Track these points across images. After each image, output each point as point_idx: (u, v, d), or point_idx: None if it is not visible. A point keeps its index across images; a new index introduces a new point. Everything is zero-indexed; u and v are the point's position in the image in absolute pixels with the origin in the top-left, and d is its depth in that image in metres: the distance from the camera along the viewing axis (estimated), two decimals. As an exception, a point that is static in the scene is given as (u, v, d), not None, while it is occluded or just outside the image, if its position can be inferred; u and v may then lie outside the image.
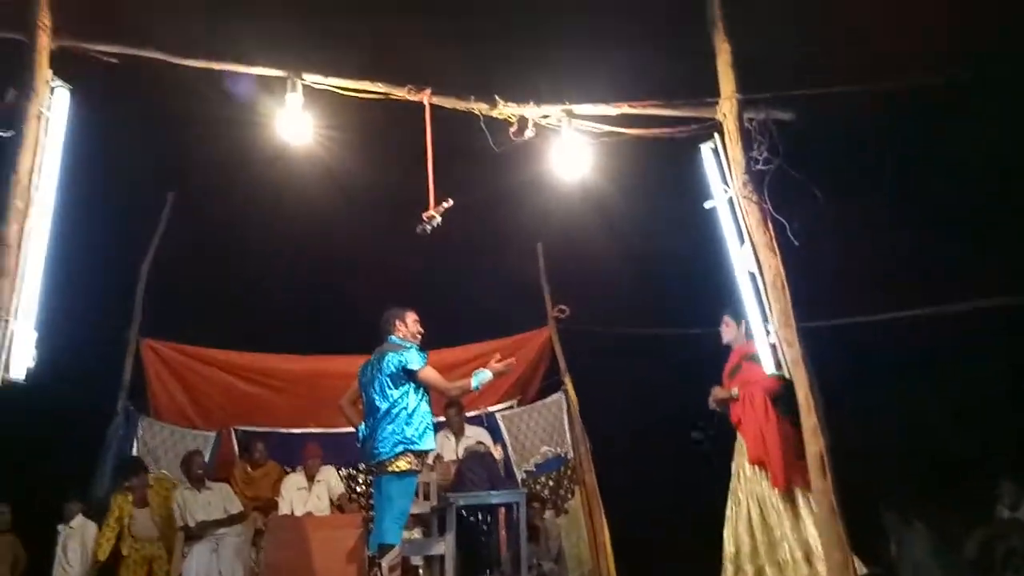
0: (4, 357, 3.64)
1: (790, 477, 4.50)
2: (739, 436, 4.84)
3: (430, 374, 4.76)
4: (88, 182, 4.53)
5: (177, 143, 5.86)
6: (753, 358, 4.70)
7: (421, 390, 4.78)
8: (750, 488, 4.68)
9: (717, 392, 4.93)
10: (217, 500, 6.33)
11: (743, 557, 4.60)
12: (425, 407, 4.79)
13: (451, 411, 6.78)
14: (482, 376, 4.75)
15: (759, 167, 4.34)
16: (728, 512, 4.76)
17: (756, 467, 4.66)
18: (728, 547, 4.69)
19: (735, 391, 4.81)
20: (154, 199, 7.03)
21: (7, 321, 3.65)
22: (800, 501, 4.49)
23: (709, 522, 4.94)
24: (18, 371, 3.71)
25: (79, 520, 6.24)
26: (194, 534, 6.14)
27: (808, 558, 4.39)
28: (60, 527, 6.30)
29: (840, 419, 4.13)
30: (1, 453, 6.46)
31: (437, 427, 5.40)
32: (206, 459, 6.73)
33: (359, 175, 5.98)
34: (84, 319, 6.12)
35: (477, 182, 5.45)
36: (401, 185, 5.31)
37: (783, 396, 4.55)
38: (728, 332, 5.05)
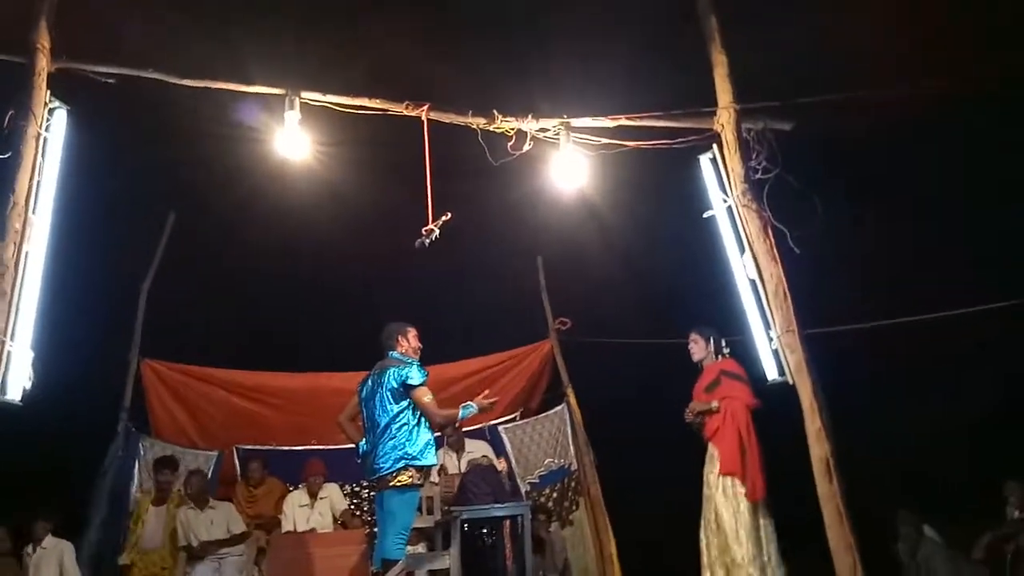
0: (0, 378, 3.63)
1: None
2: (710, 447, 5.06)
3: (423, 396, 4.70)
4: (87, 202, 4.52)
5: (176, 162, 5.85)
6: (733, 376, 4.87)
7: (421, 405, 4.76)
8: (709, 494, 4.94)
9: (695, 405, 5.14)
10: (220, 519, 6.27)
11: (711, 559, 4.88)
12: (426, 422, 4.76)
13: (446, 430, 6.73)
14: (469, 410, 4.80)
15: (758, 176, 4.35)
16: (704, 517, 4.99)
17: (726, 478, 4.88)
18: (703, 549, 4.94)
19: (715, 404, 5.02)
20: (154, 219, 6.99)
21: (3, 341, 3.63)
22: (761, 513, 4.80)
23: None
24: (14, 392, 3.69)
25: (50, 540, 6.07)
26: (196, 554, 6.08)
27: (763, 568, 4.68)
28: (28, 549, 6.09)
29: (846, 425, 4.14)
30: (-1, 476, 6.37)
31: (438, 443, 5.37)
32: (208, 478, 6.68)
33: (358, 190, 5.97)
34: (84, 340, 6.08)
35: (476, 196, 5.46)
36: (400, 199, 5.31)
37: (760, 415, 4.90)
38: (697, 350, 5.29)
